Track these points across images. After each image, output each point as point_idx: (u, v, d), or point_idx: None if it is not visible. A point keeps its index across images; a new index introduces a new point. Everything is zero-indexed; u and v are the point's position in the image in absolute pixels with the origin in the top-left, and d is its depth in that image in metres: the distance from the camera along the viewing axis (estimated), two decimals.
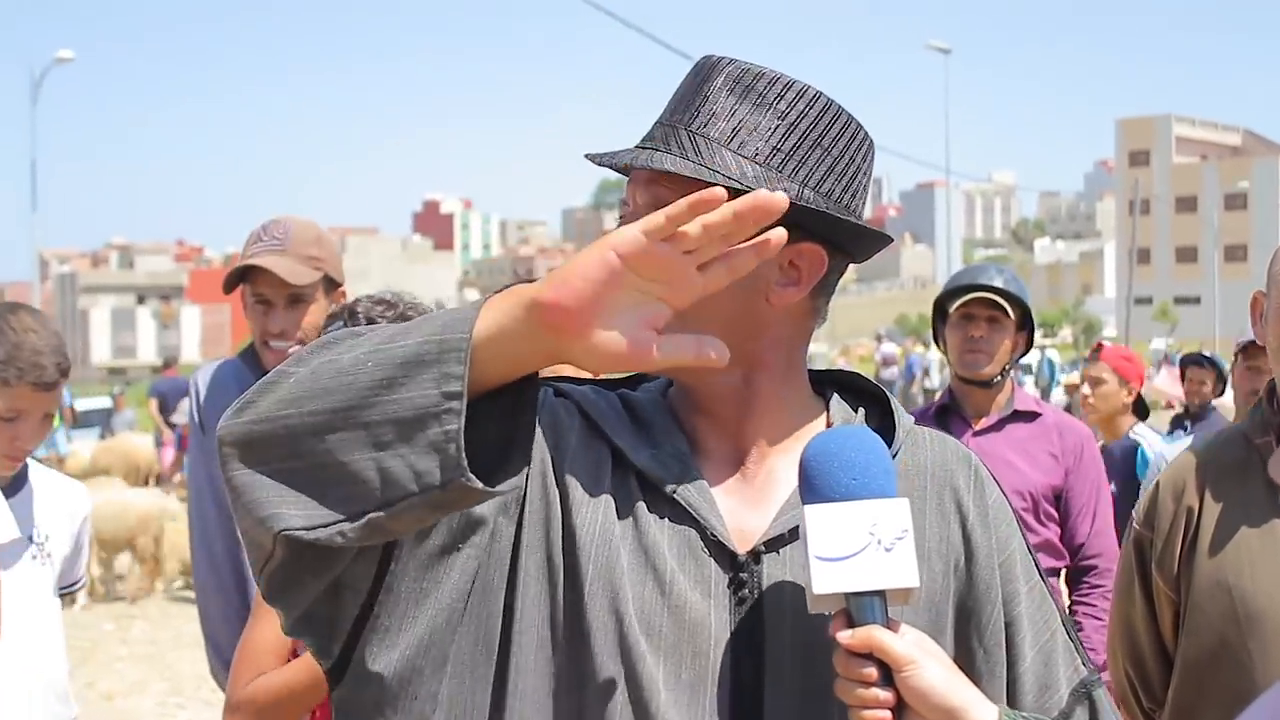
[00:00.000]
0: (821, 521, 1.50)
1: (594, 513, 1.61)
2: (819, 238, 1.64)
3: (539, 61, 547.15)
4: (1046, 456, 4.40)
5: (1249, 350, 4.80)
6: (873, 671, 1.48)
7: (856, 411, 1.77)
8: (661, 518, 1.62)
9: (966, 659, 1.65)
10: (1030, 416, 4.47)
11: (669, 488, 1.63)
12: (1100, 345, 6.80)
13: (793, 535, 1.62)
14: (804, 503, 1.52)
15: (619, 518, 1.61)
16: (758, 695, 1.58)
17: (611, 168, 1.67)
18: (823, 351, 53.76)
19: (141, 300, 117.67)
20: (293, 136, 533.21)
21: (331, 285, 3.65)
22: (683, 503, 1.62)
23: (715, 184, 1.48)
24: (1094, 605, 4.35)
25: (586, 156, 1.69)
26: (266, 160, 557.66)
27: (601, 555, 1.59)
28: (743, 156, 1.61)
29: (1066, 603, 4.48)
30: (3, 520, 3.14)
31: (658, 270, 1.39)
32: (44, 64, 41.20)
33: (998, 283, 4.40)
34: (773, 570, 1.61)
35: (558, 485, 1.62)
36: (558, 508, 1.61)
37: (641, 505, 1.62)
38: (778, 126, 1.63)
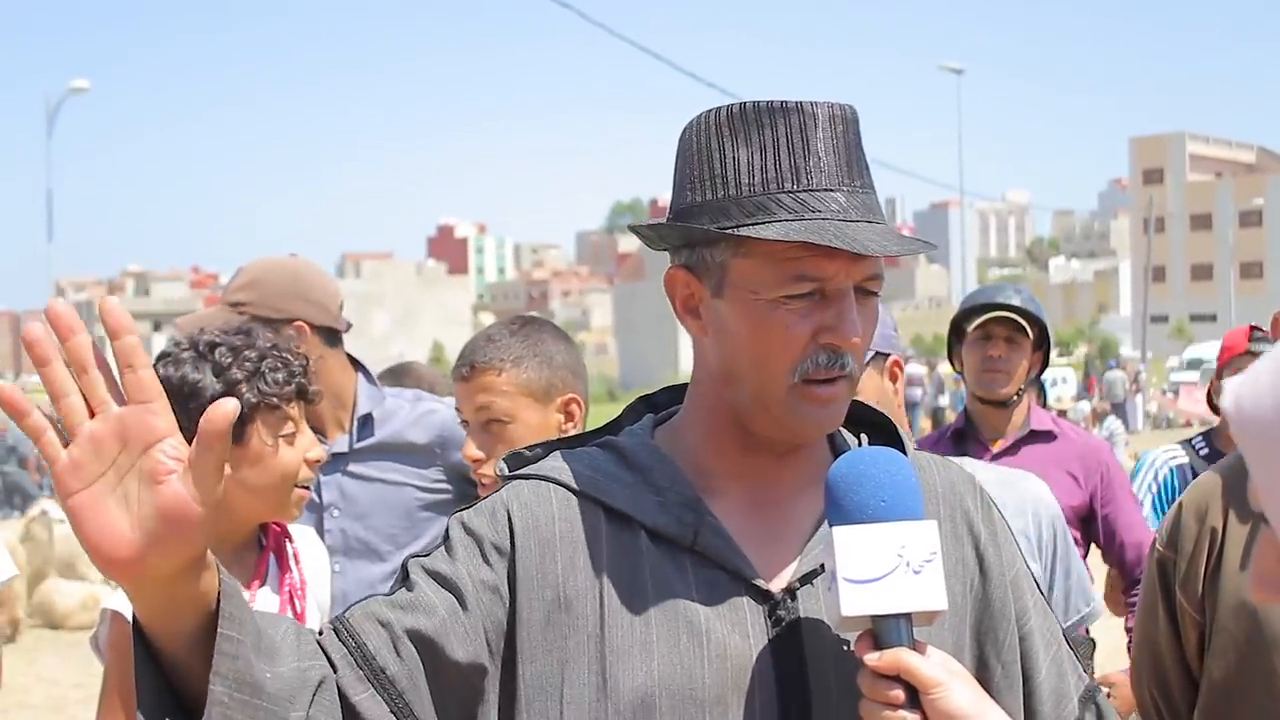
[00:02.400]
0: (850, 543, 1.48)
1: (594, 597, 1.60)
2: None
3: (553, 86, 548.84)
4: (1067, 478, 4.35)
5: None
6: (900, 694, 1.47)
7: (859, 438, 1.78)
8: (683, 569, 1.61)
9: (985, 676, 1.67)
10: (1048, 436, 4.43)
11: (686, 539, 1.62)
12: None
13: (823, 568, 1.61)
14: (831, 524, 1.51)
15: (631, 585, 1.60)
16: None
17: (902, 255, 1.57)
18: None
19: (158, 327, 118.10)
20: (308, 163, 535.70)
21: (276, 325, 3.39)
22: (704, 551, 1.61)
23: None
24: None
25: (840, 246, 1.53)
26: (281, 187, 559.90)
27: (613, 639, 1.58)
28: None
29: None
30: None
31: (92, 457, 1.32)
32: (59, 94, 41.46)
33: (1015, 302, 4.36)
34: (808, 605, 1.61)
35: (549, 586, 1.61)
36: (546, 609, 1.60)
37: (657, 562, 1.61)
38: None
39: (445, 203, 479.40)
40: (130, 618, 1.38)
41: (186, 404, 2.62)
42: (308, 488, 2.75)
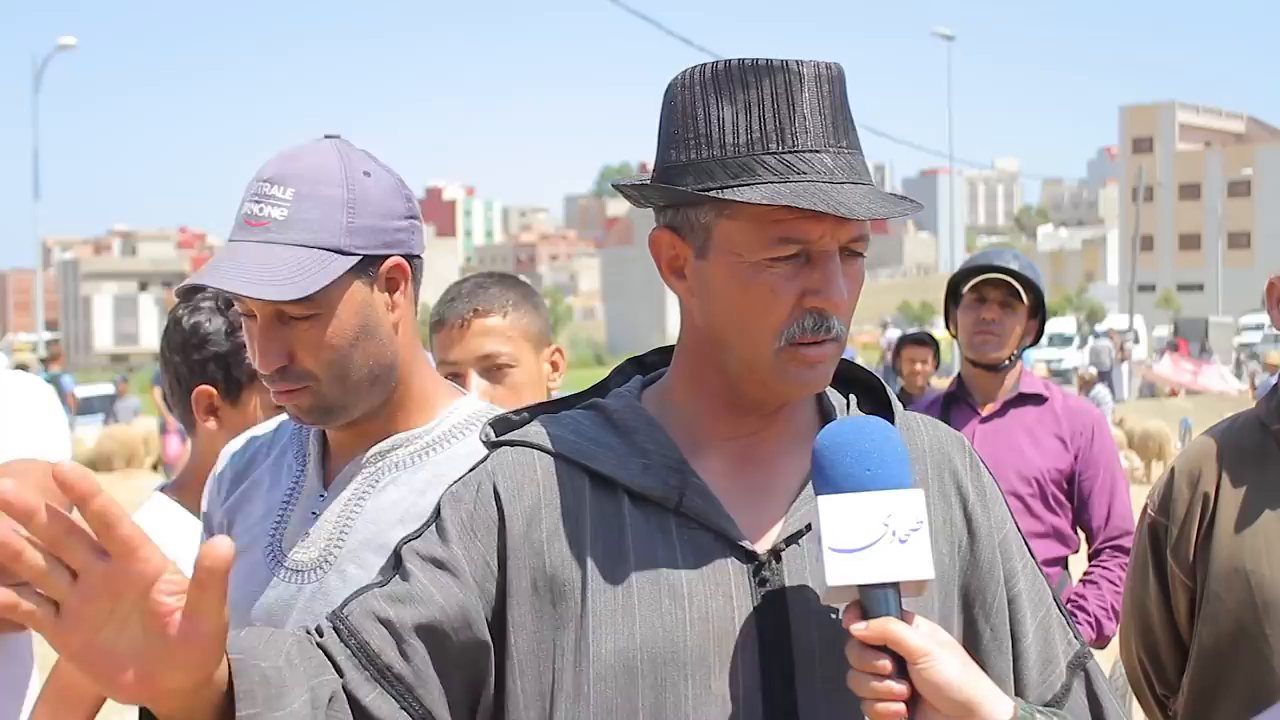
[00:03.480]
0: (835, 513, 1.48)
1: (577, 563, 1.60)
2: None
3: (541, 47, 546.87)
4: (1054, 440, 4.34)
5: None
6: (887, 664, 1.46)
7: (847, 398, 1.77)
8: (667, 531, 1.61)
9: (974, 638, 1.67)
10: (1038, 400, 4.42)
11: (671, 501, 1.61)
12: None
13: (809, 528, 1.61)
14: (817, 493, 1.51)
15: (614, 550, 1.60)
16: (789, 693, 1.57)
17: (876, 218, 1.56)
18: None
19: (144, 287, 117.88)
20: (295, 123, 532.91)
21: None
22: (689, 513, 1.61)
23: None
24: (1110, 570, 4.28)
25: (815, 208, 1.51)
26: (269, 147, 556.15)
27: (596, 604, 1.58)
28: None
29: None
30: None
31: (87, 614, 1.30)
32: (46, 50, 41.20)
33: (1014, 266, 4.36)
34: (793, 566, 1.60)
35: (535, 555, 1.61)
36: (533, 579, 1.61)
37: (641, 525, 1.61)
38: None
39: (433, 165, 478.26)
40: None
41: (190, 353, 2.63)
42: None
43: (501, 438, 1.71)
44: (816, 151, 1.56)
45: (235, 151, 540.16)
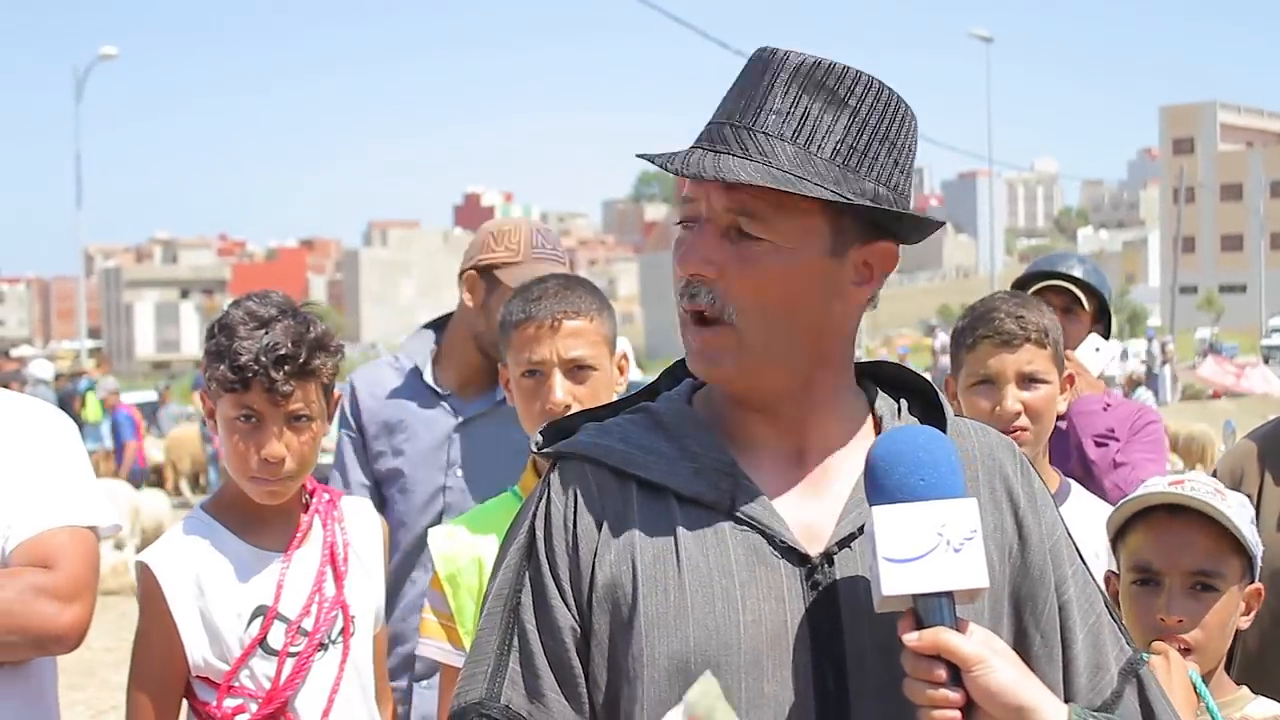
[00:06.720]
0: (889, 522, 1.49)
1: (630, 569, 1.61)
2: (889, 234, 1.66)
3: (580, 53, 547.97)
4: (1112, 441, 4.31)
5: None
6: (941, 672, 1.48)
7: (898, 403, 1.76)
8: (720, 534, 1.61)
9: (1024, 645, 1.66)
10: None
11: (723, 505, 1.62)
12: None
13: (861, 531, 1.61)
14: (871, 503, 1.52)
15: (665, 555, 1.61)
16: (842, 695, 1.57)
17: (680, 174, 1.60)
18: (863, 341, 53.47)
19: (185, 294, 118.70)
20: (335, 130, 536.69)
21: None
22: (743, 515, 1.62)
23: (799, 191, 1.54)
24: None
25: (651, 159, 1.64)
26: (308, 154, 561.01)
27: (648, 609, 1.59)
28: (816, 157, 1.59)
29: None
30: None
31: None
32: (88, 60, 41.58)
33: (1077, 272, 4.30)
34: (845, 569, 1.61)
35: (591, 566, 1.63)
36: (593, 591, 1.63)
37: (693, 528, 1.62)
38: (851, 124, 1.61)
39: (472, 171, 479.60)
40: (154, 567, 1.42)
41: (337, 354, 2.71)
42: None
43: (550, 449, 1.73)
44: (719, 123, 1.62)
45: (275, 160, 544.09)
